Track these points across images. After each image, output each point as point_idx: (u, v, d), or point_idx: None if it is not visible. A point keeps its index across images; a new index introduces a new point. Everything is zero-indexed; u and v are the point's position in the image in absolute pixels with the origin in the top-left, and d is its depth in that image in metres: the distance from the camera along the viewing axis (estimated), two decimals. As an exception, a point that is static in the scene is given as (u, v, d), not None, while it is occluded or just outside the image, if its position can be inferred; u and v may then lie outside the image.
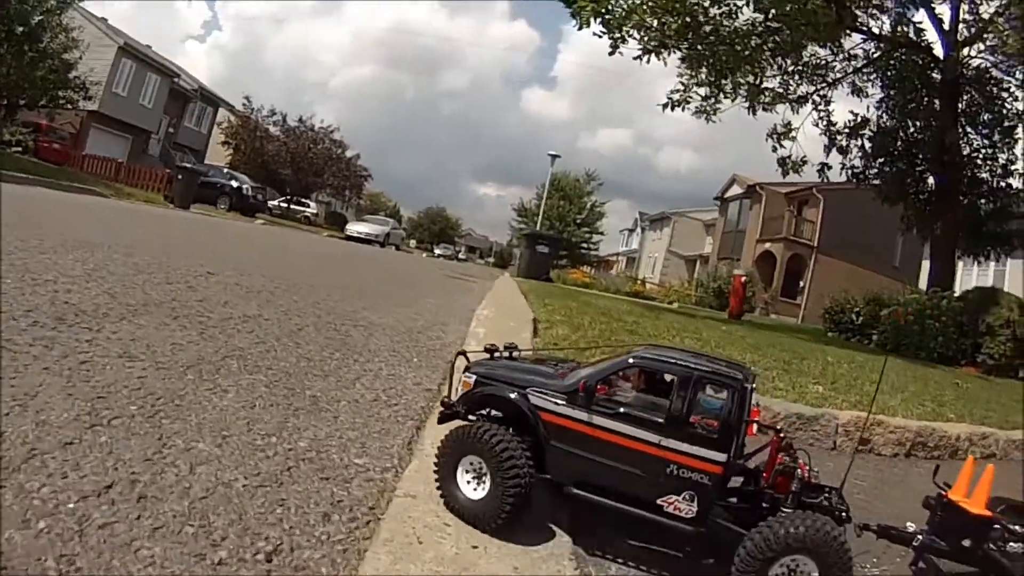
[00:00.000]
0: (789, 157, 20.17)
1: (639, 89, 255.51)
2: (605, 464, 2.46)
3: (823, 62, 19.81)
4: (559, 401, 2.52)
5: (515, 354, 2.91)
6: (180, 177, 28.64)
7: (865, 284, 24.30)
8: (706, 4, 16.19)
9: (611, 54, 15.49)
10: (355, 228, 43.29)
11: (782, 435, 2.50)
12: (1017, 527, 2.56)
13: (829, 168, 21.19)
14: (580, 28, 14.96)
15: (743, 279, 21.82)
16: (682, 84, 18.07)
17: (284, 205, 49.76)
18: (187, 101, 51.17)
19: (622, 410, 2.48)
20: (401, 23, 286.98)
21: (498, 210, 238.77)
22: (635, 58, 15.86)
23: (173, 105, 48.49)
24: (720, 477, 2.39)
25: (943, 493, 2.66)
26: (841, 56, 19.96)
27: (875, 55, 20.14)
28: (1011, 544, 2.54)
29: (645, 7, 14.91)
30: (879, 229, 32.14)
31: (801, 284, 41.06)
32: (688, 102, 18.00)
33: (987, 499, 2.56)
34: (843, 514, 2.41)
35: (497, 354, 2.86)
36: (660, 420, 2.41)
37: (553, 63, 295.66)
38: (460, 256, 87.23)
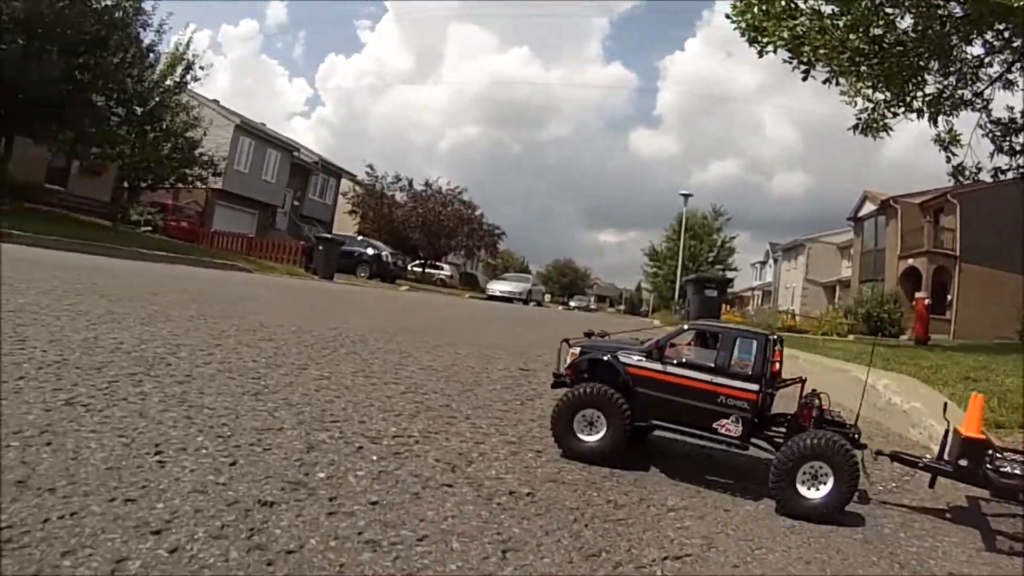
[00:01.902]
0: (961, 164, 18.38)
1: (739, 115, 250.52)
2: (675, 400, 3.15)
3: (979, 61, 17.80)
4: (640, 359, 3.24)
5: (606, 334, 3.63)
6: (320, 248, 28.45)
7: (1010, 289, 24.04)
8: (886, 12, 15.26)
9: (804, 79, 15.70)
10: (497, 287, 43.44)
11: (805, 381, 3.30)
12: (1006, 448, 3.10)
13: (1004, 172, 19.19)
14: (761, 55, 15.40)
15: (927, 302, 20.83)
16: (868, 102, 17.03)
17: (418, 269, 49.76)
18: (309, 174, 52.00)
19: (684, 360, 3.20)
20: (497, 80, 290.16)
21: (618, 255, 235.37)
22: (824, 82, 16.04)
23: (296, 178, 49.45)
24: (755, 402, 3.06)
25: (948, 423, 3.22)
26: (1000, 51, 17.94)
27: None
28: (1003, 462, 2.95)
29: (831, 29, 14.73)
30: (1018, 228, 30.23)
31: (949, 298, 37.64)
32: (880, 123, 17.00)
33: (979, 424, 2.99)
34: (857, 439, 3.05)
35: (594, 336, 3.56)
36: (711, 365, 3.14)
37: (654, 101, 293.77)
38: (592, 306, 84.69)
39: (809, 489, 2.89)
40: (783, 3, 14.93)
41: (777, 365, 3.20)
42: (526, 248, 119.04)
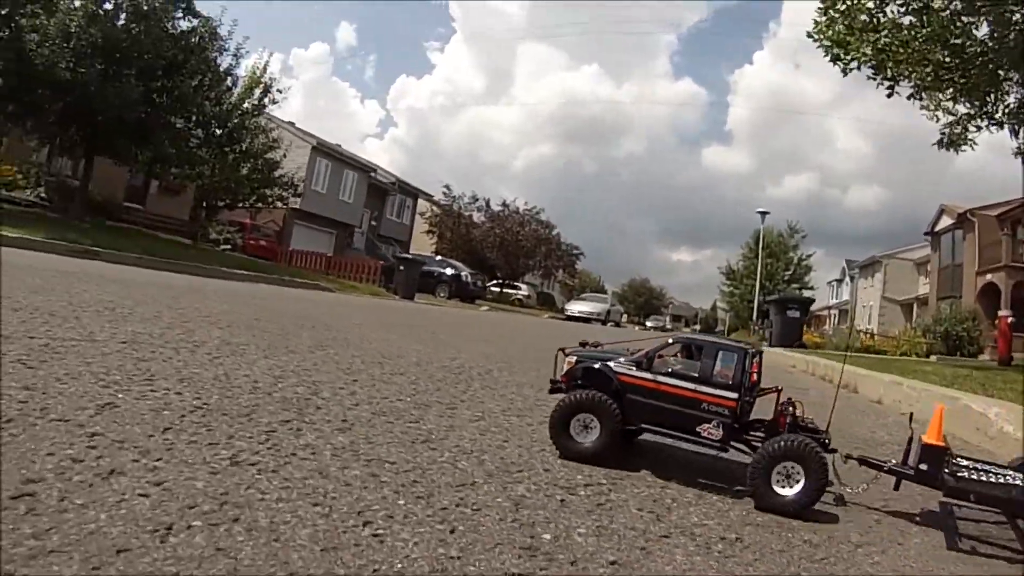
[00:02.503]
0: None
1: (811, 128, 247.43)
2: (662, 406, 3.34)
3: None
4: (631, 368, 3.40)
5: (599, 344, 3.75)
6: (402, 268, 29.11)
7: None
8: (962, 20, 15.12)
9: (889, 96, 15.71)
10: (576, 307, 44.26)
11: (782, 390, 3.43)
12: (961, 455, 3.31)
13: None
14: (845, 74, 15.58)
15: (1009, 320, 20.47)
16: (950, 115, 16.74)
17: (496, 289, 49.93)
18: (386, 194, 53.14)
19: (671, 370, 3.38)
20: (570, 98, 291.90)
21: (692, 274, 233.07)
22: (909, 97, 15.94)
23: (373, 199, 50.43)
24: (734, 409, 3.24)
25: (912, 431, 3.37)
26: None
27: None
28: (960, 467, 3.21)
29: (912, 40, 14.72)
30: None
31: (1030, 313, 35.15)
32: (963, 137, 16.65)
33: (939, 433, 3.21)
34: (827, 444, 3.23)
35: (588, 346, 3.71)
36: (695, 375, 3.32)
37: (725, 116, 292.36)
38: (668, 326, 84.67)
39: (783, 487, 3.10)
40: (865, 17, 15.03)
41: (755, 376, 3.46)
42: (601, 266, 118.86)
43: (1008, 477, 3.15)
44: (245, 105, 27.67)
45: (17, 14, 19.89)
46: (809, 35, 15.87)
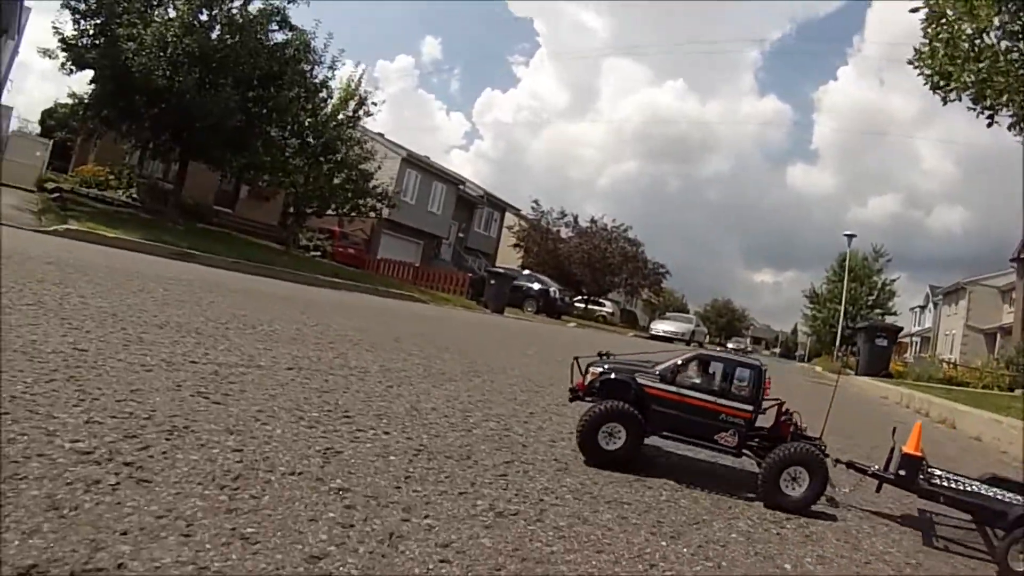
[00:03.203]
0: None
1: (896, 147, 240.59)
2: (684, 417, 3.54)
3: None
4: (655, 381, 3.58)
5: (612, 355, 3.87)
6: (493, 282, 29.25)
7: None
8: None
9: (988, 126, 15.63)
10: (661, 327, 43.66)
11: (784, 403, 3.63)
12: (935, 468, 3.68)
13: None
14: (945, 103, 15.83)
15: None
16: None
17: (581, 305, 49.40)
18: (474, 207, 53.15)
19: (693, 383, 3.58)
20: (655, 115, 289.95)
21: (774, 296, 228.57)
22: (1009, 128, 15.71)
23: (461, 211, 50.47)
24: (749, 420, 3.52)
25: (894, 443, 3.79)
26: None
27: None
28: (934, 475, 3.62)
29: (1013, 69, 14.52)
30: None
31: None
32: None
33: (917, 444, 3.58)
34: (823, 449, 3.51)
35: (604, 355, 3.86)
36: (716, 388, 3.56)
37: (810, 135, 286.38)
38: (749, 349, 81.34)
39: (789, 489, 3.38)
40: (966, 45, 14.97)
41: (768, 390, 3.63)
42: (683, 285, 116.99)
43: (974, 487, 3.57)
44: (340, 116, 27.90)
45: (114, 23, 20.29)
46: (910, 63, 16.09)
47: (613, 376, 3.64)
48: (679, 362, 3.64)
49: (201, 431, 2.59)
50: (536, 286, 36.27)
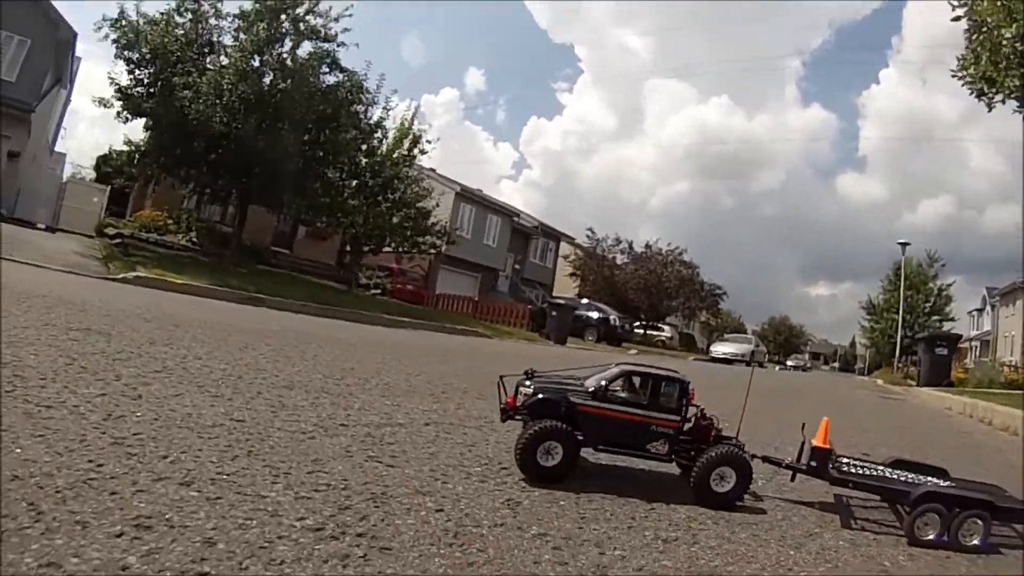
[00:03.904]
0: None
1: (944, 148, 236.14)
2: (617, 429, 3.67)
3: None
4: (586, 399, 3.66)
5: (536, 373, 3.85)
6: (554, 313, 29.02)
7: None
8: None
9: None
10: (721, 349, 43.91)
11: (703, 409, 3.82)
12: (843, 455, 4.14)
13: None
14: (990, 109, 15.69)
15: None
16: None
17: (640, 331, 49.08)
18: (529, 238, 53.45)
19: (622, 397, 3.74)
20: (703, 133, 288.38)
21: (830, 310, 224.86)
22: None
23: (516, 242, 50.69)
24: (677, 428, 3.72)
25: (805, 438, 4.06)
26: None
27: None
28: (843, 463, 4.04)
29: None
30: None
31: None
32: None
33: (825, 438, 3.94)
34: (742, 449, 3.72)
35: (530, 373, 3.82)
36: (644, 401, 3.72)
37: (857, 143, 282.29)
38: (808, 365, 79.88)
39: (718, 486, 3.61)
40: (1008, 49, 14.76)
41: (693, 400, 3.81)
42: (739, 304, 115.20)
43: (879, 470, 3.99)
44: (395, 155, 28.27)
45: (168, 72, 20.66)
46: (953, 73, 16.01)
47: (542, 396, 3.72)
48: (604, 381, 3.79)
49: (399, 495, 2.79)
50: (595, 315, 35.96)
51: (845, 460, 4.08)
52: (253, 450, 3.13)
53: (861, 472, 3.97)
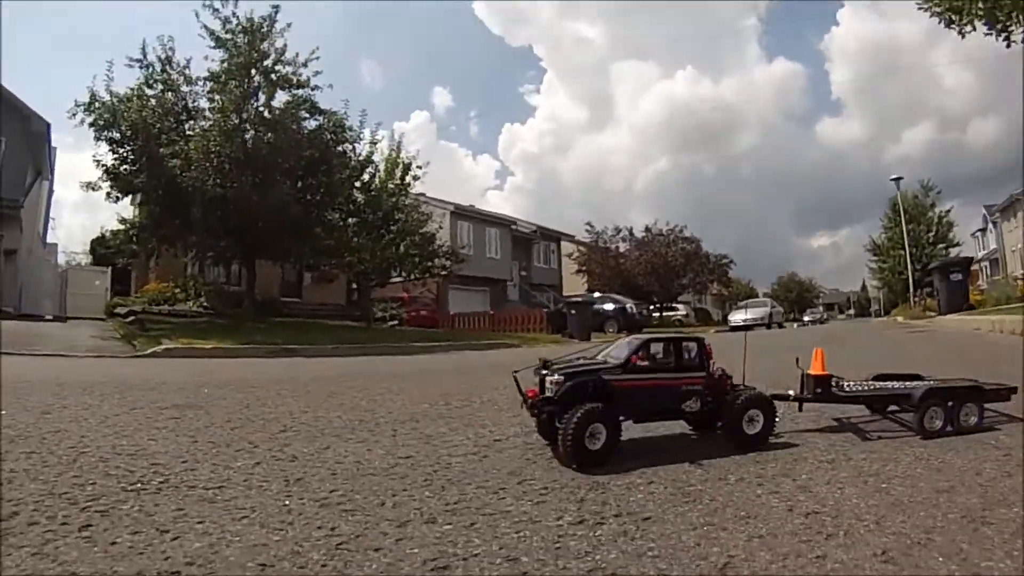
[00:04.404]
0: None
1: (914, 75, 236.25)
2: (652, 397, 3.85)
3: None
4: (619, 374, 3.76)
5: (550, 362, 3.91)
6: (573, 312, 29.42)
7: None
8: None
9: (1008, 47, 15.83)
10: (739, 316, 44.47)
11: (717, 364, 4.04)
12: (838, 377, 4.56)
13: None
14: (963, 36, 15.86)
15: None
16: None
17: (656, 314, 49.47)
18: (530, 243, 53.55)
19: (650, 365, 3.90)
20: (674, 106, 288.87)
21: (834, 257, 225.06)
22: None
23: (519, 250, 50.91)
24: (703, 385, 3.91)
25: (802, 370, 4.54)
26: None
27: None
28: (846, 386, 4.55)
29: None
30: None
31: None
32: None
33: (822, 366, 4.43)
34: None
35: (546, 363, 3.91)
36: (672, 364, 3.94)
37: (828, 86, 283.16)
38: (824, 318, 79.88)
39: (750, 428, 3.90)
40: None
41: (711, 357, 4.04)
42: (746, 270, 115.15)
43: (873, 385, 4.60)
44: (389, 186, 28.40)
45: (152, 144, 20.59)
46: (919, 7, 16.31)
47: (575, 382, 3.72)
48: (630, 352, 3.89)
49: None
50: (611, 306, 36.10)
51: (845, 383, 4.60)
52: (451, 478, 3.37)
53: (861, 389, 4.58)
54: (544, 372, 3.85)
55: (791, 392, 4.45)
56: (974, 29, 15.62)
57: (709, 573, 2.14)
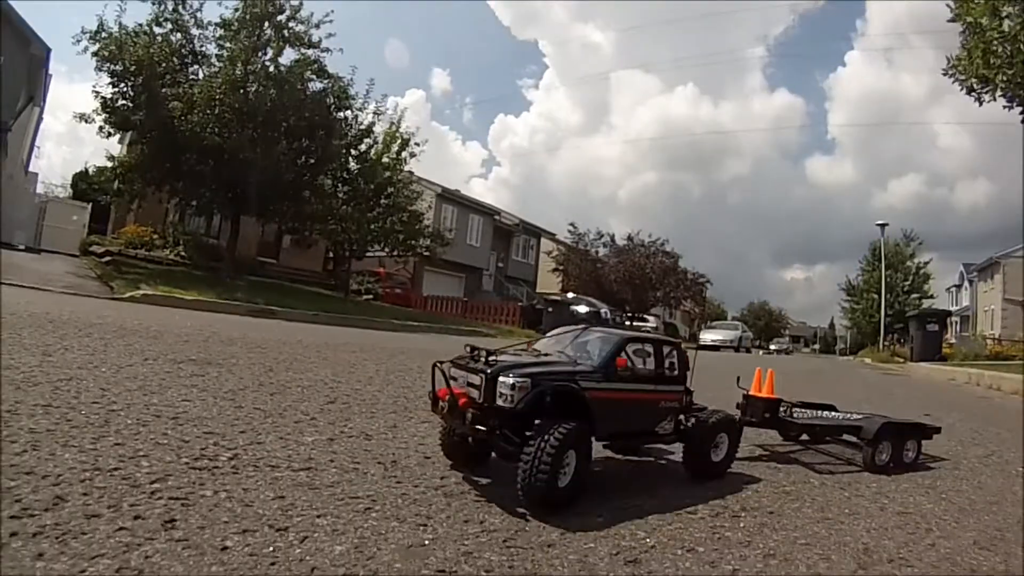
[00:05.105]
0: None
1: (911, 128, 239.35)
2: (629, 413, 3.26)
3: None
4: (597, 380, 3.06)
5: (482, 352, 3.04)
6: (550, 310, 29.99)
7: None
8: None
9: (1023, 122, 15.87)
10: (710, 336, 45.82)
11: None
12: (796, 404, 4.78)
13: None
14: (981, 104, 16.05)
15: None
16: None
17: (627, 323, 48.20)
18: (511, 236, 53.20)
19: (630, 373, 3.21)
20: (669, 123, 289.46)
21: (807, 293, 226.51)
22: None
23: (499, 241, 50.51)
24: (681, 401, 3.50)
25: (745, 391, 4.62)
26: None
27: None
28: (795, 411, 4.67)
29: None
30: None
31: None
32: None
33: (771, 389, 4.53)
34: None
35: (481, 352, 3.02)
36: (651, 374, 3.35)
37: (825, 125, 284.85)
38: (790, 349, 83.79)
39: (715, 455, 3.51)
40: (1000, 49, 15.15)
41: (689, 368, 3.57)
42: (718, 291, 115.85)
43: (825, 416, 4.81)
44: (384, 160, 27.84)
45: (155, 83, 20.09)
46: (945, 72, 16.46)
47: (543, 388, 2.85)
48: (611, 350, 3.24)
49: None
50: (584, 308, 34.49)
51: (792, 406, 4.72)
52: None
53: (811, 417, 4.76)
54: (488, 369, 2.94)
55: (738, 416, 4.21)
56: (994, 99, 15.75)
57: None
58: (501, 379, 2.84)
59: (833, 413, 4.90)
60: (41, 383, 4.06)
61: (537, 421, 2.79)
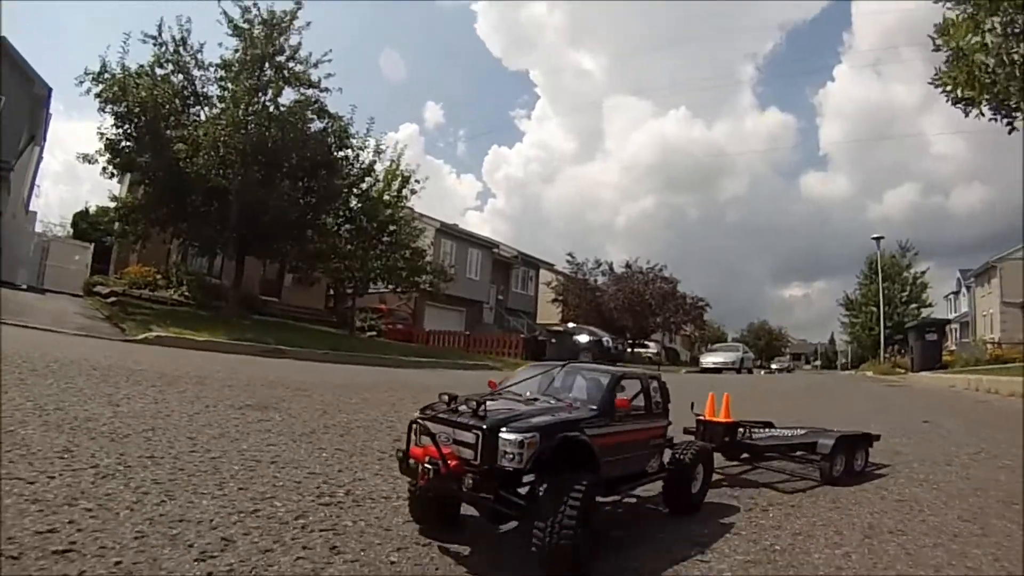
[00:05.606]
0: None
1: (903, 138, 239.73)
2: (626, 456, 3.10)
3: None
4: (601, 425, 2.91)
5: (457, 400, 2.80)
6: (554, 341, 30.34)
7: None
8: None
9: (1010, 133, 15.99)
10: (711, 359, 44.36)
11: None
12: (756, 427, 4.93)
13: None
14: (967, 115, 16.15)
15: None
16: None
17: (628, 350, 48.55)
18: (510, 268, 53.22)
19: (625, 413, 3.09)
20: (665, 147, 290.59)
21: (806, 309, 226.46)
22: None
23: (498, 273, 50.56)
24: (665, 435, 3.46)
25: (698, 416, 4.68)
26: None
27: None
28: (756, 433, 4.80)
29: None
30: None
31: None
32: None
33: (727, 412, 4.57)
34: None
35: (450, 399, 2.78)
36: (642, 411, 3.24)
37: (817, 140, 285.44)
38: (791, 367, 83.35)
39: (694, 487, 3.42)
40: (981, 71, 15.44)
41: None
42: (717, 313, 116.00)
43: (782, 435, 4.82)
44: (385, 197, 27.85)
45: (159, 125, 20.24)
46: (931, 83, 16.44)
47: (554, 443, 2.61)
48: (608, 388, 3.12)
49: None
50: (586, 338, 35.07)
51: (753, 428, 4.91)
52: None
53: (769, 437, 4.88)
54: (483, 425, 2.58)
55: (697, 443, 3.92)
56: (982, 114, 15.89)
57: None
58: (504, 435, 2.53)
59: (784, 431, 5.08)
60: (130, 435, 4.30)
61: (532, 476, 2.57)
